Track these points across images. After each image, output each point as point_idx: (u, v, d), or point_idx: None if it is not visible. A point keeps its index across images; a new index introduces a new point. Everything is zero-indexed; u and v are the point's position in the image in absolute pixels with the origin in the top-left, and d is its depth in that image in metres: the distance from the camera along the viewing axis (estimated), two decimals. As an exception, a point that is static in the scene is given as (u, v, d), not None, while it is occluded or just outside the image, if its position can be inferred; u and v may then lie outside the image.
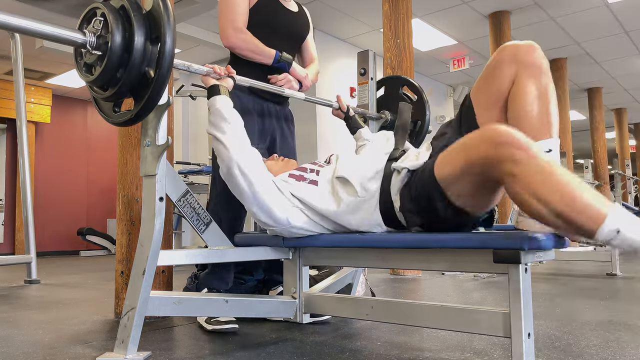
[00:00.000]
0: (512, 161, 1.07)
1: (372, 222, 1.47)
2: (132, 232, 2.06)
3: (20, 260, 3.85)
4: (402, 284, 3.23)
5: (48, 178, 7.96)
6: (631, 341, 1.56)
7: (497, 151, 1.09)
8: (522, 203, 1.10)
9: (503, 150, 1.08)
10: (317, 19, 5.82)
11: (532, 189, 1.06)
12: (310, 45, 2.35)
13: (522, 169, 1.06)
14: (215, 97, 1.61)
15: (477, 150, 1.14)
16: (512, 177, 1.08)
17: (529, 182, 1.06)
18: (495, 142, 1.10)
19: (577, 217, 1.02)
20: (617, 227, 1.00)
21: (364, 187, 1.48)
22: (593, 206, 1.02)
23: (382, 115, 2.34)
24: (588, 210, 1.02)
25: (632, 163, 10.19)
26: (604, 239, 1.01)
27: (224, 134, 1.55)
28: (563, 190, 1.04)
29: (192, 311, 1.59)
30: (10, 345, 1.64)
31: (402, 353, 1.45)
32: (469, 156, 1.17)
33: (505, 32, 5.78)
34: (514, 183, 1.08)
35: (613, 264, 3.56)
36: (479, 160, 1.14)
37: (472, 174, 1.19)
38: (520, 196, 1.08)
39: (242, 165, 1.52)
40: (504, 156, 1.08)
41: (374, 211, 1.46)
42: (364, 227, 1.49)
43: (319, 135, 5.89)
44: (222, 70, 1.68)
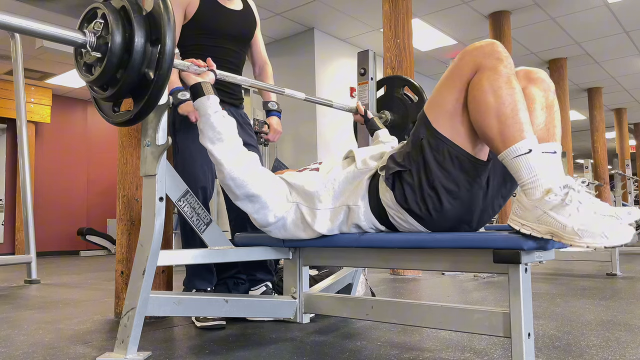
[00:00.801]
0: (497, 59, 1.22)
1: (357, 194, 1.47)
2: (132, 232, 2.06)
3: (20, 260, 3.85)
4: (402, 284, 3.23)
5: (48, 178, 7.97)
6: (631, 341, 1.56)
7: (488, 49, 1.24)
8: (480, 93, 1.22)
9: (495, 48, 1.24)
10: (317, 19, 5.82)
11: (497, 86, 1.20)
12: (260, 44, 2.32)
13: (501, 68, 1.21)
14: (202, 100, 1.50)
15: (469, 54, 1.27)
16: (487, 70, 1.21)
17: (497, 80, 1.20)
18: (493, 43, 1.26)
19: (512, 125, 1.17)
20: (533, 147, 1.15)
21: (364, 162, 1.54)
22: (526, 122, 1.18)
23: (382, 115, 2.34)
24: (522, 122, 1.17)
25: (632, 163, 10.19)
26: (520, 149, 1.15)
27: (214, 145, 1.50)
28: (516, 100, 1.19)
29: (192, 311, 1.60)
30: (10, 345, 1.64)
31: (402, 353, 1.45)
32: (457, 64, 1.29)
33: (505, 32, 5.78)
34: (482, 73, 1.22)
35: (613, 264, 3.56)
36: (469, 58, 1.26)
37: (455, 80, 1.28)
38: (484, 84, 1.21)
39: (235, 175, 1.49)
40: (494, 52, 1.23)
41: (363, 182, 1.48)
42: (343, 200, 1.50)
43: (319, 135, 5.90)
44: (203, 63, 1.58)
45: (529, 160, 1.15)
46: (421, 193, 1.33)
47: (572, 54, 7.18)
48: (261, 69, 2.32)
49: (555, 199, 1.10)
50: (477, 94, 1.23)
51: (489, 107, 1.20)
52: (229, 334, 1.73)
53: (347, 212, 1.50)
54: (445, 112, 1.29)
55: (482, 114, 1.21)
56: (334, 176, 1.56)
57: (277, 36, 6.21)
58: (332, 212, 1.52)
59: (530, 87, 1.34)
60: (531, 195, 1.15)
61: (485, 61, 1.23)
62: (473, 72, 1.25)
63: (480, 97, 1.22)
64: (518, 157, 1.15)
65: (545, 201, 1.11)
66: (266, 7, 5.42)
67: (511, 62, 1.24)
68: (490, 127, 1.20)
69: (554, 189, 1.11)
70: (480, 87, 1.22)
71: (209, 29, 2.06)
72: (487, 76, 1.22)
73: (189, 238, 1.99)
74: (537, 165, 1.15)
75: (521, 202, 1.17)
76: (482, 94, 1.22)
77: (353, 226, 1.50)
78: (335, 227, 1.52)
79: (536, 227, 1.13)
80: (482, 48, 1.25)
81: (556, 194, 1.10)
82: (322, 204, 1.53)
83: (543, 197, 1.12)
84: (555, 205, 1.10)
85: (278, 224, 1.58)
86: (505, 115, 1.18)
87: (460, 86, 1.27)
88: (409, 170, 1.35)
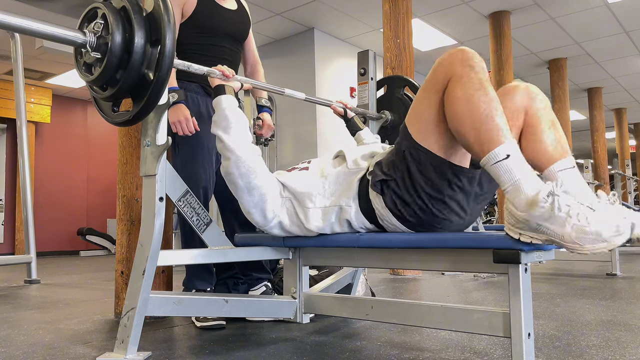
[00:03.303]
0: (468, 66, 1.20)
1: (349, 194, 1.49)
2: (132, 232, 2.06)
3: (20, 260, 3.85)
4: (402, 284, 3.23)
5: (48, 178, 7.97)
6: (631, 341, 1.56)
7: (459, 56, 1.22)
8: (454, 102, 1.21)
9: (465, 55, 1.22)
10: (317, 19, 5.82)
11: (469, 94, 1.18)
12: (252, 44, 2.33)
13: (472, 75, 1.20)
14: (220, 97, 1.62)
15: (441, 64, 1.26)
16: (459, 78, 1.20)
17: (469, 87, 1.19)
18: (462, 50, 1.24)
19: (488, 131, 1.15)
20: (511, 152, 1.13)
21: (355, 162, 1.55)
22: (501, 128, 1.15)
23: (382, 115, 2.34)
24: (498, 128, 1.15)
25: (632, 163, 10.19)
26: (498, 155, 1.13)
27: (226, 134, 1.56)
28: (490, 106, 1.17)
29: (192, 311, 1.60)
30: (10, 345, 1.64)
31: (402, 353, 1.45)
32: (432, 75, 1.28)
33: (505, 32, 5.78)
34: (453, 83, 1.21)
35: (613, 264, 3.56)
36: (441, 68, 1.25)
37: (431, 91, 1.27)
38: (457, 94, 1.20)
39: (240, 163, 1.54)
40: (465, 59, 1.21)
41: (354, 183, 1.50)
42: (335, 200, 1.52)
43: (319, 135, 5.89)
44: (231, 72, 1.69)
45: (508, 165, 1.12)
46: (408, 200, 1.36)
47: (572, 54, 7.17)
48: (253, 67, 2.33)
49: (543, 210, 1.06)
50: (451, 103, 1.22)
51: (463, 114, 1.19)
52: (229, 334, 1.73)
53: (339, 212, 1.52)
54: (424, 123, 1.29)
55: (457, 122, 1.21)
56: (325, 175, 1.57)
57: (277, 36, 6.21)
58: (323, 211, 1.54)
59: (533, 107, 1.34)
60: (517, 202, 1.10)
61: (456, 69, 1.22)
62: (446, 81, 1.24)
63: (454, 106, 1.21)
64: (497, 163, 1.13)
65: (536, 214, 1.07)
66: (266, 7, 5.42)
67: (483, 68, 1.23)
68: (467, 135, 1.19)
69: (539, 200, 1.07)
70: (453, 95, 1.22)
71: (207, 27, 2.06)
72: (459, 84, 1.21)
73: (188, 238, 1.99)
74: (518, 170, 1.12)
75: (512, 213, 1.12)
76: (455, 101, 1.21)
77: (345, 224, 1.52)
78: (327, 225, 1.54)
79: (536, 236, 1.10)
80: (453, 56, 1.24)
81: (542, 205, 1.06)
82: (313, 203, 1.55)
83: (530, 209, 1.08)
84: (546, 216, 1.06)
85: (275, 222, 1.60)
86: (480, 122, 1.16)
87: (436, 97, 1.27)
88: (395, 179, 1.37)
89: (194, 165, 1.98)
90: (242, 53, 2.30)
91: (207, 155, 2.01)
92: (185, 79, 2.03)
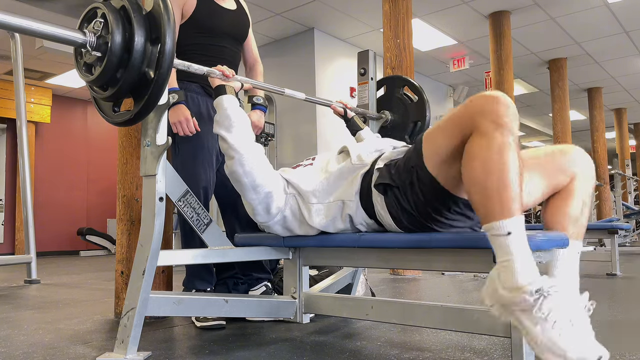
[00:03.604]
0: (497, 124, 1.10)
1: (352, 189, 1.49)
2: (132, 232, 2.06)
3: (20, 260, 3.85)
4: (402, 284, 3.23)
5: (48, 178, 7.96)
6: (631, 341, 1.56)
7: (492, 109, 1.11)
8: (470, 158, 1.14)
9: (495, 107, 1.11)
10: (317, 19, 5.82)
11: (487, 157, 1.10)
12: (252, 43, 2.33)
13: (495, 135, 1.10)
14: (222, 97, 1.62)
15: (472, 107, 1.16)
16: (480, 133, 1.12)
17: (489, 150, 1.10)
18: (495, 100, 1.12)
19: (497, 202, 1.08)
20: (513, 230, 1.06)
21: (359, 157, 1.54)
22: (511, 200, 1.08)
23: (382, 115, 2.34)
24: (508, 201, 1.08)
25: (632, 163, 10.19)
26: (500, 229, 1.07)
27: (229, 133, 1.57)
28: (504, 170, 1.09)
29: (192, 311, 1.60)
30: (10, 345, 1.64)
31: (402, 353, 1.45)
32: (461, 112, 1.20)
33: (505, 32, 5.78)
34: (477, 138, 1.12)
35: (613, 264, 3.56)
36: (471, 111, 1.16)
37: (454, 129, 1.21)
38: (475, 152, 1.12)
39: (244, 162, 1.54)
40: (496, 115, 1.10)
41: (357, 178, 1.50)
42: (338, 195, 1.52)
43: (319, 135, 5.89)
44: (231, 72, 1.69)
45: (507, 242, 1.06)
46: (408, 210, 1.37)
47: (572, 54, 7.17)
48: (252, 67, 2.33)
49: (525, 303, 1.02)
50: (468, 158, 1.15)
51: (476, 177, 1.12)
52: (229, 334, 1.73)
53: (342, 207, 1.52)
54: (438, 155, 1.26)
55: (469, 180, 1.15)
56: (329, 171, 1.58)
57: (277, 36, 6.20)
58: (326, 206, 1.54)
59: (577, 180, 1.33)
60: (503, 279, 1.06)
61: (483, 123, 1.12)
62: (470, 130, 1.15)
63: (470, 163, 1.14)
64: (497, 236, 1.08)
65: (517, 301, 1.03)
66: (266, 7, 5.42)
67: (513, 126, 1.11)
68: (475, 197, 1.14)
69: (526, 292, 1.02)
70: (471, 151, 1.14)
71: (207, 28, 2.06)
72: (480, 141, 1.12)
73: (188, 238, 1.99)
74: (516, 250, 1.06)
75: (495, 285, 1.08)
76: (471, 159, 1.14)
77: (347, 219, 1.52)
78: (330, 221, 1.54)
79: (506, 315, 1.06)
80: (486, 105, 1.13)
81: (527, 298, 1.01)
82: (316, 198, 1.55)
83: (513, 295, 1.03)
84: (525, 308, 1.02)
85: (278, 218, 1.60)
86: (491, 189, 1.09)
87: (456, 139, 1.20)
88: (398, 187, 1.37)
89: (194, 165, 1.98)
90: (242, 52, 2.30)
91: (207, 155, 2.01)
92: (185, 79, 2.03)
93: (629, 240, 6.76)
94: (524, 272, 1.04)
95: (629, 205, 7.49)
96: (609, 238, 3.65)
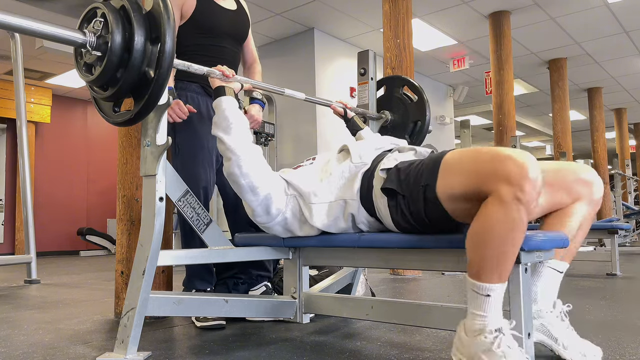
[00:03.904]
0: (516, 198, 1.07)
1: (353, 188, 1.49)
2: (132, 232, 2.06)
3: (20, 260, 3.85)
4: (402, 284, 3.23)
5: (48, 178, 7.96)
6: (631, 341, 1.56)
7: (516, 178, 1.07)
8: (478, 218, 1.13)
9: (523, 183, 1.07)
10: (317, 19, 5.82)
11: (492, 226, 1.10)
12: (251, 43, 2.33)
13: (513, 210, 1.08)
14: (221, 98, 1.62)
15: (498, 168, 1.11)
16: (499, 201, 1.09)
17: (499, 220, 1.09)
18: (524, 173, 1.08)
19: (488, 267, 1.11)
20: (493, 294, 1.12)
21: (360, 156, 1.54)
22: (504, 271, 1.12)
23: (382, 115, 2.34)
24: (501, 270, 1.12)
25: (632, 163, 10.19)
26: (483, 289, 1.12)
27: (227, 135, 1.57)
28: (509, 244, 1.11)
29: (192, 311, 1.60)
30: (10, 345, 1.64)
31: (402, 353, 1.45)
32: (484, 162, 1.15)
33: (505, 32, 5.78)
34: (495, 206, 1.10)
35: (613, 264, 3.56)
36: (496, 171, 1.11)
37: (472, 178, 1.17)
38: (489, 220, 1.11)
39: (242, 163, 1.54)
40: (514, 178, 1.07)
41: (358, 177, 1.49)
42: (340, 194, 1.51)
43: (319, 135, 5.89)
44: (231, 72, 1.69)
45: (483, 301, 1.12)
46: (408, 217, 1.36)
47: (572, 54, 7.17)
48: (251, 66, 2.33)
49: (485, 342, 1.09)
50: (480, 221, 1.13)
51: (481, 241, 1.12)
52: (229, 334, 1.73)
53: (344, 206, 1.51)
54: (451, 188, 1.23)
55: (473, 237, 1.15)
56: (330, 170, 1.57)
57: (277, 36, 6.20)
58: (328, 206, 1.54)
59: (580, 203, 1.35)
60: (468, 327, 1.14)
61: (505, 191, 1.08)
62: (490, 189, 1.11)
63: (477, 221, 1.14)
64: (476, 293, 1.13)
65: (477, 342, 1.11)
66: (266, 7, 5.42)
67: (532, 202, 1.09)
68: (472, 252, 1.15)
69: (484, 332, 1.10)
70: (483, 212, 1.13)
71: (207, 28, 2.06)
72: (496, 211, 1.10)
73: (189, 238, 1.99)
74: (488, 310, 1.12)
75: (460, 337, 1.16)
76: (479, 219, 1.13)
77: (350, 218, 1.52)
78: (332, 221, 1.54)
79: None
80: (512, 171, 1.08)
81: (486, 337, 1.10)
82: (317, 197, 1.54)
83: (474, 337, 1.12)
84: (485, 348, 1.09)
85: (279, 219, 1.60)
86: (491, 257, 1.11)
87: (473, 188, 1.17)
88: (404, 196, 1.36)
89: (194, 165, 1.98)
90: (242, 52, 2.30)
91: (207, 155, 2.01)
92: (185, 79, 2.03)
93: (629, 240, 6.76)
94: (490, 322, 1.12)
95: (629, 205, 7.50)
96: (609, 238, 3.65)
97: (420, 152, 1.54)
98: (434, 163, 1.29)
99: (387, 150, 1.60)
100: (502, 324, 1.11)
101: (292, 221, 1.60)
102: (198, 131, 1.99)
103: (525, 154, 1.12)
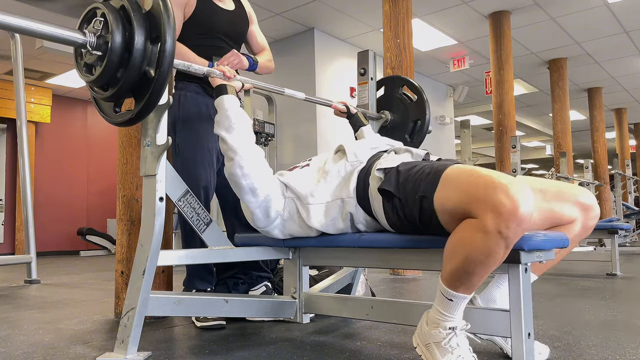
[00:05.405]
0: (499, 233, 1.06)
1: (350, 187, 1.49)
2: (132, 232, 2.06)
3: (20, 260, 3.85)
4: (402, 284, 3.23)
5: (48, 178, 7.96)
6: (631, 341, 1.56)
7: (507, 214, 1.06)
8: (460, 239, 1.15)
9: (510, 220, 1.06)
10: (317, 19, 5.82)
11: (475, 251, 1.11)
12: (256, 34, 2.32)
13: (492, 241, 1.08)
14: (222, 97, 1.63)
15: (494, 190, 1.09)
16: (482, 229, 1.08)
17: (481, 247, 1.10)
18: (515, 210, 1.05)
19: (460, 279, 1.16)
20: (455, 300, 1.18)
21: (355, 155, 1.54)
22: (471, 286, 1.17)
23: (382, 115, 2.34)
24: (468, 285, 1.17)
25: (632, 163, 10.19)
26: (448, 294, 1.18)
27: (229, 134, 1.57)
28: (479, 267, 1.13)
29: (192, 311, 1.60)
30: (10, 345, 1.64)
31: (402, 353, 1.45)
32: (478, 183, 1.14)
33: (505, 32, 5.78)
34: (477, 232, 1.10)
35: (613, 264, 3.56)
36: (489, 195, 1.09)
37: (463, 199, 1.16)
38: (466, 241, 1.12)
39: (244, 164, 1.54)
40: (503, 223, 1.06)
41: (354, 175, 1.49)
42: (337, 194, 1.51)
43: (319, 135, 5.89)
44: (231, 72, 1.69)
45: (447, 303, 1.19)
46: (403, 220, 1.36)
47: (572, 54, 7.17)
48: (258, 54, 2.28)
49: (439, 336, 1.19)
50: (457, 236, 1.16)
51: (456, 255, 1.15)
52: (229, 334, 1.73)
53: (342, 205, 1.51)
54: (444, 204, 1.23)
55: (451, 249, 1.17)
56: (326, 170, 1.57)
57: (277, 36, 6.20)
58: (325, 206, 1.53)
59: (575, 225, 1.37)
60: (430, 318, 1.23)
61: (490, 221, 1.07)
62: (478, 211, 1.11)
63: (454, 237, 1.16)
64: (442, 295, 1.19)
65: (432, 334, 1.20)
66: (266, 7, 5.42)
67: (513, 240, 1.09)
68: (448, 262, 1.17)
69: (439, 326, 1.19)
70: (461, 229, 1.15)
71: (207, 28, 2.06)
72: (475, 235, 1.10)
73: (189, 238, 1.99)
74: (452, 311, 1.19)
75: (422, 325, 1.25)
76: (456, 236, 1.16)
77: (348, 217, 1.51)
78: (330, 221, 1.53)
79: (426, 353, 1.22)
80: (503, 204, 1.06)
81: (440, 331, 1.19)
82: (314, 198, 1.54)
83: (431, 329, 1.21)
84: (437, 340, 1.19)
85: (277, 222, 1.59)
86: (462, 271, 1.14)
87: (463, 206, 1.16)
88: (400, 200, 1.35)
89: (194, 165, 1.98)
90: (248, 47, 2.30)
91: (207, 155, 2.01)
92: (185, 79, 2.03)
93: (629, 240, 6.77)
94: (447, 321, 1.19)
95: (629, 205, 7.50)
96: (609, 238, 3.65)
97: (416, 154, 1.53)
98: (434, 175, 1.28)
99: (382, 150, 1.60)
100: (458, 324, 1.19)
101: (290, 223, 1.59)
102: (198, 131, 1.99)
103: (521, 186, 1.08)
